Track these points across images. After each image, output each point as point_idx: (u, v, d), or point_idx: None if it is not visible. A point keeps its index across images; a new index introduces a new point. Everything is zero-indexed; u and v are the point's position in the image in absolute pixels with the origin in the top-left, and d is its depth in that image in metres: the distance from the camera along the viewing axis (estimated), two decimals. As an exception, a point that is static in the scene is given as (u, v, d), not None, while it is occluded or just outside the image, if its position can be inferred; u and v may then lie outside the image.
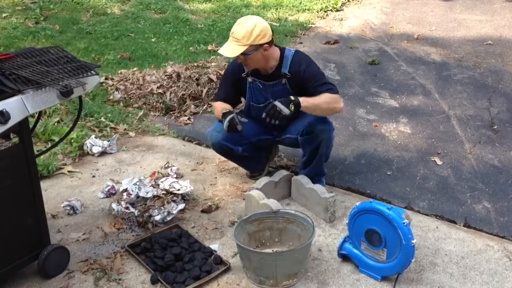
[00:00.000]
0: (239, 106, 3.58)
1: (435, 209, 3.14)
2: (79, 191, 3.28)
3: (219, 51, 3.00)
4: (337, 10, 7.47)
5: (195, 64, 5.04)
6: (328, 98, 2.92)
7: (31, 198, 2.39)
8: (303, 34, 6.49)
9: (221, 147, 3.16)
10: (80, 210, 3.07)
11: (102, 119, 4.17)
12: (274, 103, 2.83)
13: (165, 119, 4.31)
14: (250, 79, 3.13)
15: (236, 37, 2.90)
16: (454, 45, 6.06)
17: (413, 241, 2.37)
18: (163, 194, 3.04)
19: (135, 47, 5.89)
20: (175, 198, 3.05)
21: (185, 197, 3.11)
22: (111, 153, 3.75)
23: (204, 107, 4.47)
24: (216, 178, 3.43)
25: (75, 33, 6.34)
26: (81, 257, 2.68)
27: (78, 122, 3.45)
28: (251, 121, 3.14)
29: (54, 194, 3.25)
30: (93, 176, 3.46)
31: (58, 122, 4.07)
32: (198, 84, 4.64)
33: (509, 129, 4.13)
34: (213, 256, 2.64)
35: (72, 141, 3.74)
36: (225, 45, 2.96)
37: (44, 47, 2.57)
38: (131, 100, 4.55)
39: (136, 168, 3.55)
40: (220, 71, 4.71)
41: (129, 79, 4.82)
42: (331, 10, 7.44)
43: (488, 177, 3.49)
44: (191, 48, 5.91)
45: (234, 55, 2.94)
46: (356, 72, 5.32)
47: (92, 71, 2.41)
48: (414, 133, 4.08)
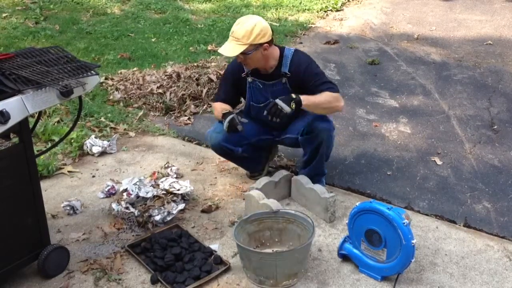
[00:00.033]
0: (239, 107, 3.58)
1: (435, 209, 3.14)
2: (79, 191, 3.28)
3: (219, 51, 3.00)
4: (337, 10, 7.47)
5: (195, 64, 5.04)
6: (329, 97, 2.93)
7: (31, 198, 2.39)
8: (303, 34, 6.49)
9: (221, 148, 3.16)
10: (80, 210, 3.07)
11: (102, 119, 4.17)
12: (276, 101, 2.83)
13: (165, 119, 4.31)
14: (250, 79, 3.13)
15: (236, 37, 2.90)
16: (454, 45, 6.06)
17: (413, 241, 2.37)
18: (163, 194, 3.04)
19: (135, 47, 5.89)
20: (175, 198, 3.04)
21: (185, 197, 3.11)
22: (111, 153, 3.75)
23: (204, 107, 4.47)
24: (216, 178, 3.43)
25: (75, 33, 6.34)
26: (81, 257, 2.68)
27: (78, 122, 3.45)
28: (251, 121, 3.14)
29: (54, 194, 3.25)
30: (93, 176, 3.46)
31: (58, 122, 4.07)
32: (198, 84, 4.64)
33: (509, 129, 4.13)
34: (213, 256, 2.64)
35: (72, 141, 3.75)
36: (225, 45, 2.95)
37: (44, 47, 2.57)
38: (131, 100, 4.55)
39: (136, 168, 3.55)
40: (220, 71, 4.70)
41: (129, 79, 4.81)
42: (331, 10, 7.44)
43: (488, 177, 3.49)
44: (191, 48, 5.91)
45: (234, 55, 2.94)
46: (356, 72, 5.31)
47: (92, 71, 2.41)
48: (414, 133, 4.08)
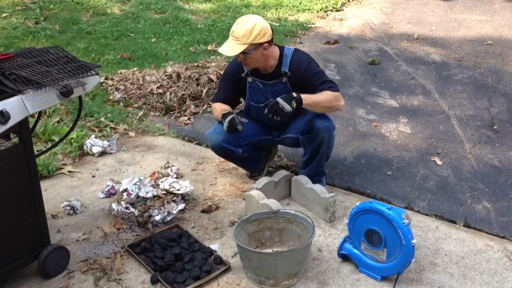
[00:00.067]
0: (239, 107, 3.58)
1: (435, 209, 3.14)
2: (79, 191, 3.28)
3: (219, 50, 3.00)
4: (337, 10, 7.48)
5: (195, 64, 5.04)
6: (330, 96, 2.93)
7: (31, 198, 2.39)
8: (303, 34, 6.49)
9: (221, 149, 3.16)
10: (80, 210, 3.07)
11: (102, 119, 4.17)
12: (277, 100, 2.84)
13: (165, 119, 4.31)
14: (250, 79, 3.13)
15: (236, 36, 2.89)
16: (454, 45, 6.06)
17: (413, 241, 2.37)
18: (163, 194, 3.04)
19: (135, 47, 5.89)
20: (175, 198, 3.04)
21: (185, 197, 3.11)
22: (111, 153, 3.75)
23: (204, 107, 4.47)
24: (216, 178, 3.43)
25: (75, 33, 6.34)
26: (81, 257, 2.68)
27: (78, 122, 3.45)
28: (251, 122, 3.14)
29: (54, 194, 3.24)
30: (93, 176, 3.46)
31: (58, 122, 4.07)
32: (198, 84, 4.64)
33: (509, 129, 4.13)
34: (213, 256, 2.64)
35: (72, 141, 3.75)
36: (225, 44, 2.95)
37: (44, 47, 2.57)
38: (131, 100, 4.55)
39: (136, 168, 3.55)
40: (220, 71, 4.70)
41: (129, 79, 4.81)
42: (331, 10, 7.45)
43: (488, 177, 3.49)
44: (191, 48, 5.91)
45: (234, 54, 2.94)
46: (356, 72, 5.31)
47: (92, 71, 2.41)
48: (414, 133, 4.08)
